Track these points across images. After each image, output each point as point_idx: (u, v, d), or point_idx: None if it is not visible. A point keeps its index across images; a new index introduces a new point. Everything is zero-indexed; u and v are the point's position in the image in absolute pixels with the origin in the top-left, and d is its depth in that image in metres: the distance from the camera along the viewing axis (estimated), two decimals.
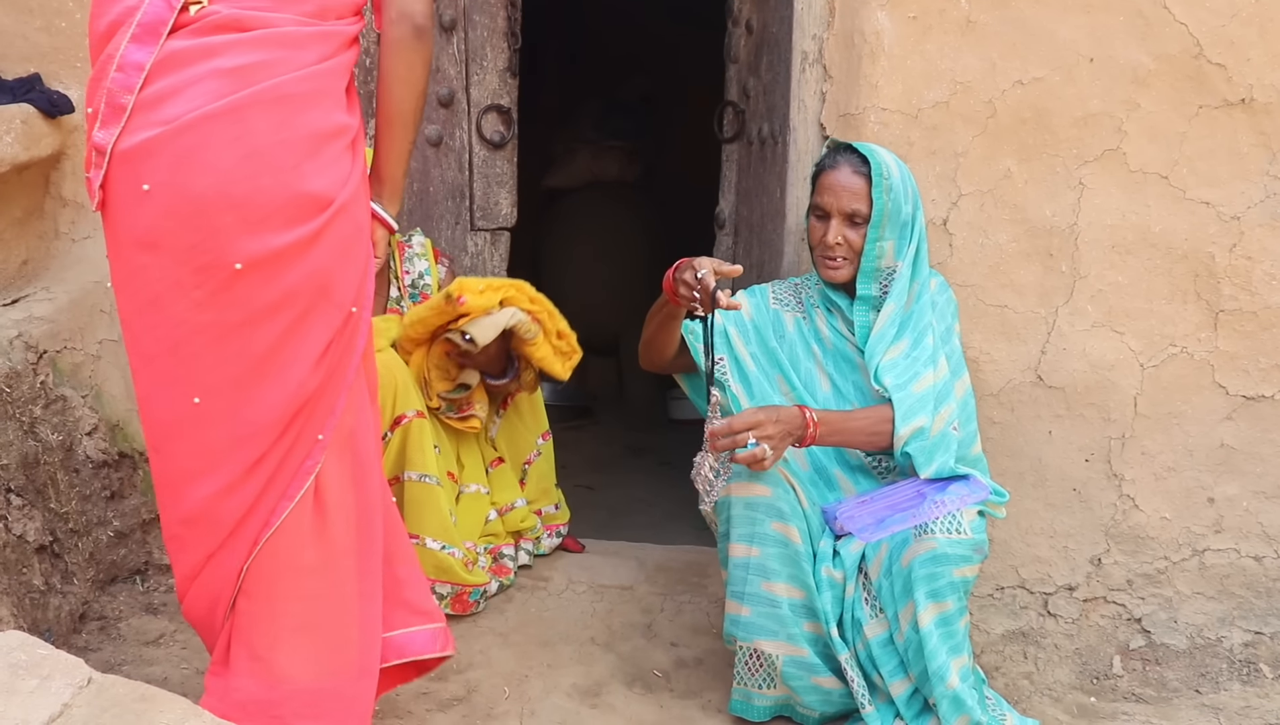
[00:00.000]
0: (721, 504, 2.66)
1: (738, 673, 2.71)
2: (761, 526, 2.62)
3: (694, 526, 4.03)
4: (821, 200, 2.82)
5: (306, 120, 2.10)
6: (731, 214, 3.87)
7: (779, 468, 2.64)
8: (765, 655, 2.65)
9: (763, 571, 2.63)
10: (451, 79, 3.61)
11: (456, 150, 3.64)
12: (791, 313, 2.94)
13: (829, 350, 2.89)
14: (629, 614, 3.16)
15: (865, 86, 3.13)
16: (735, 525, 2.64)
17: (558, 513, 3.41)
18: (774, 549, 2.62)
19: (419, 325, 3.06)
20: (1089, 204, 3.07)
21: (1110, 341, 3.09)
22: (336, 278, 2.15)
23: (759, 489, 2.62)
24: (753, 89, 3.71)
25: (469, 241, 3.69)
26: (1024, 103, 3.06)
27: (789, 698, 2.69)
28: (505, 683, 2.87)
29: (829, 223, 2.81)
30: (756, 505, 2.62)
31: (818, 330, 2.91)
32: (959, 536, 2.53)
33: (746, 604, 2.65)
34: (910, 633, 2.55)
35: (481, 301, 2.99)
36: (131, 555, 3.15)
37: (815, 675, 2.66)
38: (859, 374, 2.85)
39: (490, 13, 3.60)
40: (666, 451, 5.05)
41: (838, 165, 2.82)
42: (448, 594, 3.05)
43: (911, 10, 3.08)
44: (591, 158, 5.93)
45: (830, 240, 2.80)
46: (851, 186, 2.79)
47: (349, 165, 2.17)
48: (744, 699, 2.72)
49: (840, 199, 2.79)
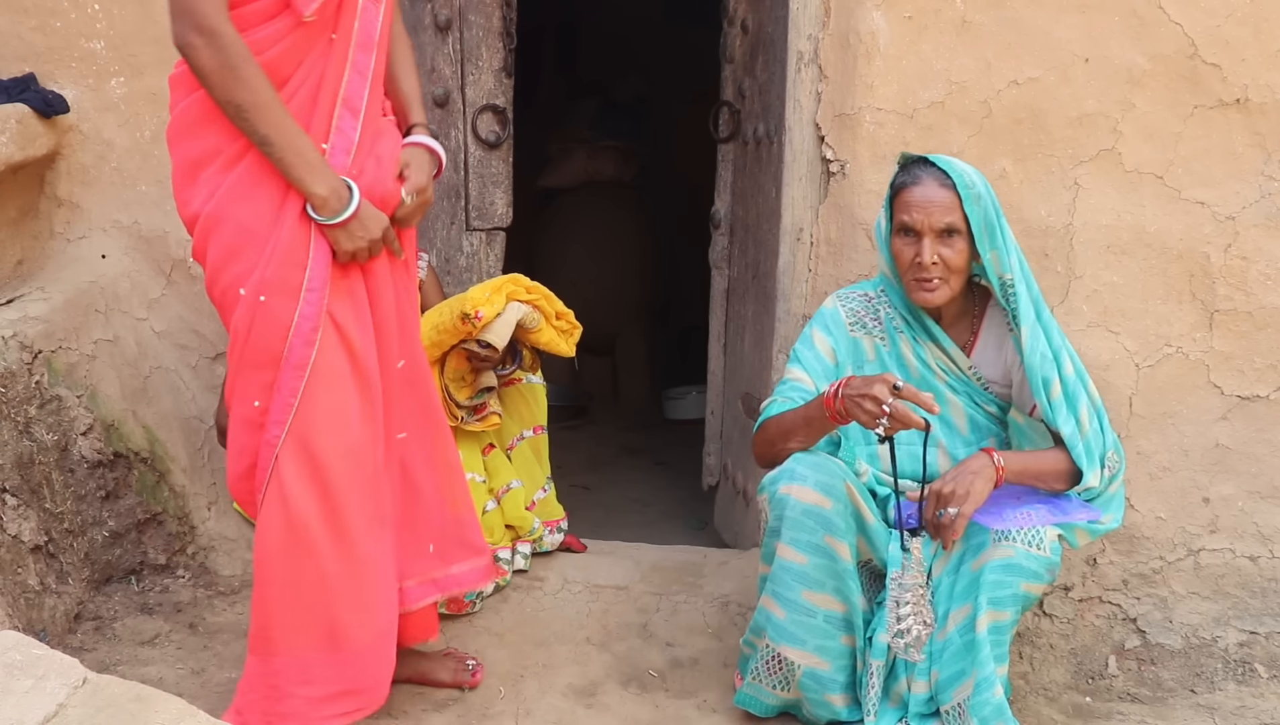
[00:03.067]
0: (778, 500, 2.57)
1: (754, 669, 2.66)
2: (814, 536, 2.54)
3: (689, 526, 4.04)
4: (910, 218, 2.63)
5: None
6: (727, 214, 3.87)
7: (845, 482, 2.56)
8: (787, 661, 2.61)
9: (806, 579, 2.56)
10: (447, 79, 3.61)
11: (452, 150, 3.64)
12: (871, 338, 2.80)
13: (914, 381, 2.74)
14: (624, 614, 3.16)
15: (861, 86, 3.14)
16: (787, 528, 2.56)
17: (546, 497, 3.38)
18: (822, 561, 2.55)
19: (435, 348, 3.06)
20: (1084, 204, 3.07)
21: (1106, 341, 3.09)
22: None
23: (820, 499, 2.54)
24: (748, 89, 3.72)
25: (464, 241, 3.69)
26: (1019, 103, 3.06)
27: (799, 701, 2.67)
28: (501, 682, 2.86)
29: (921, 242, 2.62)
30: (814, 514, 2.53)
31: (903, 358, 2.77)
32: (1038, 552, 2.48)
33: (783, 606, 2.59)
34: (957, 635, 2.51)
35: (492, 309, 3.01)
36: (126, 555, 3.15)
37: (829, 692, 2.63)
38: (948, 409, 2.74)
39: (485, 13, 3.60)
40: (662, 451, 5.05)
41: (919, 180, 2.64)
42: None
43: (907, 10, 3.08)
44: (587, 158, 5.94)
45: (926, 260, 2.61)
46: (941, 200, 2.61)
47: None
48: (754, 694, 2.69)
49: (931, 215, 2.61)
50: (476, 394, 3.18)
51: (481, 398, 3.19)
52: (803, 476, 2.55)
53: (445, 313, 3.04)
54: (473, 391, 3.17)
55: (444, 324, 3.03)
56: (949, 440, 2.75)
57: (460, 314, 2.99)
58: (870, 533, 2.62)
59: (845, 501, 2.54)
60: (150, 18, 3.26)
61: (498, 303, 3.03)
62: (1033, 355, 2.63)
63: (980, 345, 2.78)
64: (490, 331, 3.02)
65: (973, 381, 2.77)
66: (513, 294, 3.09)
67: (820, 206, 3.25)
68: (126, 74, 3.30)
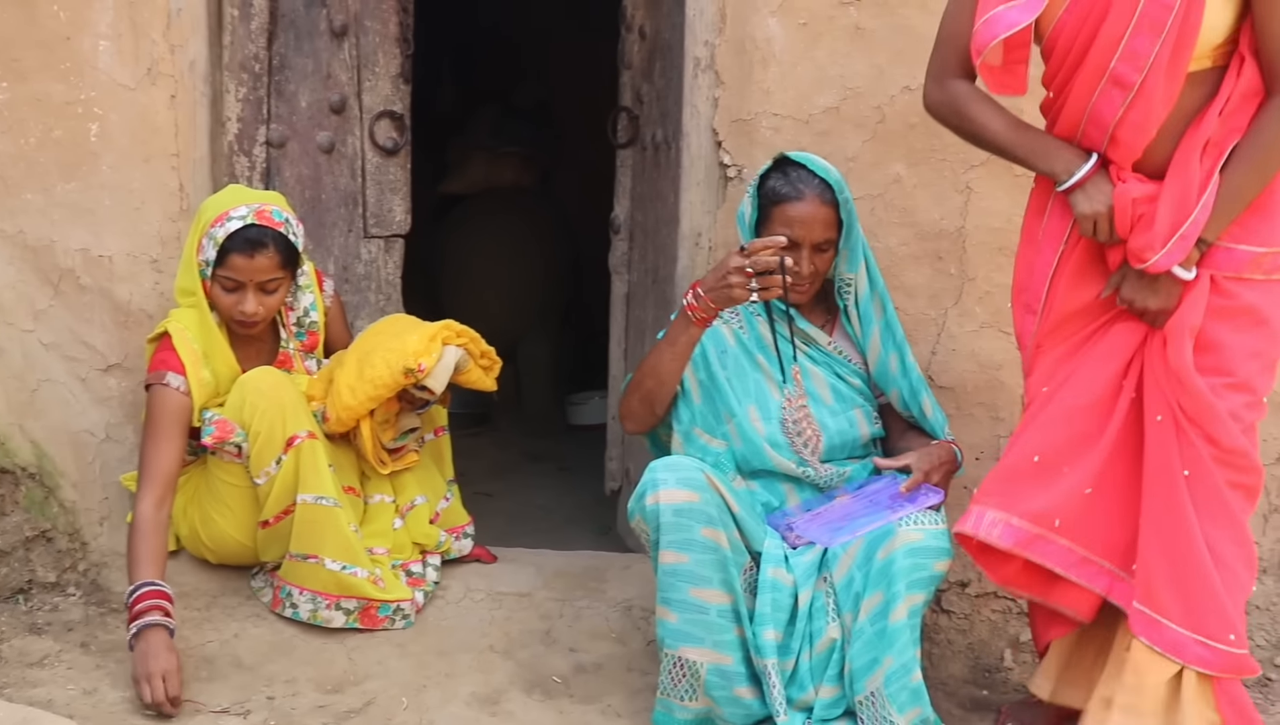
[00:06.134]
0: (651, 512, 2.63)
1: (661, 683, 2.68)
2: (690, 532, 2.59)
3: (592, 532, 4.04)
4: (792, 233, 2.75)
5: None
6: (626, 219, 3.88)
7: (704, 472, 2.64)
8: (690, 664, 2.62)
9: (692, 578, 2.61)
10: (343, 85, 3.57)
11: (349, 157, 3.60)
12: (730, 327, 2.92)
13: (774, 355, 2.89)
14: (528, 621, 3.15)
15: (757, 92, 3.17)
16: (665, 533, 2.61)
17: (450, 505, 3.36)
18: (704, 555, 2.60)
19: (372, 402, 3.00)
20: (976, 207, 3.13)
21: (998, 342, 3.15)
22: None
23: (688, 495, 2.60)
24: (646, 95, 3.73)
25: (362, 249, 3.65)
26: (912, 108, 3.11)
27: (710, 710, 2.68)
28: (403, 693, 2.84)
29: (799, 253, 2.76)
30: (686, 512, 2.60)
31: (761, 340, 2.91)
32: (939, 528, 2.58)
33: (674, 610, 2.62)
34: (868, 624, 2.54)
35: (432, 359, 3.00)
36: (14, 574, 3.06)
37: (737, 686, 2.65)
38: (810, 380, 2.88)
39: (382, 18, 3.57)
40: (565, 457, 5.04)
41: (804, 196, 2.77)
42: (353, 609, 3.01)
43: (801, 17, 3.12)
44: (487, 164, 5.91)
45: (805, 271, 2.78)
46: (824, 217, 2.78)
47: None
48: (666, 711, 2.70)
49: (813, 232, 2.77)
50: (400, 435, 3.17)
51: (405, 439, 3.18)
52: (664, 480, 2.62)
53: (381, 368, 2.97)
54: (396, 432, 3.15)
55: (381, 379, 2.97)
56: (816, 408, 2.86)
57: (403, 370, 2.97)
58: (740, 522, 2.69)
59: (710, 490, 2.63)
60: (33, 20, 3.18)
61: (436, 349, 3.02)
62: (884, 365, 2.89)
63: (840, 327, 2.95)
64: (431, 378, 3.01)
65: (834, 355, 2.91)
66: (447, 338, 3.08)
67: (718, 211, 3.27)
68: (9, 79, 3.21)
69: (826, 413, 2.86)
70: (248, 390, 2.96)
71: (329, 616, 2.99)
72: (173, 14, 3.22)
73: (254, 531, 3.05)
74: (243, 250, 2.93)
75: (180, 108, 3.26)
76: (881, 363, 2.88)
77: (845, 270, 2.87)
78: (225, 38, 3.42)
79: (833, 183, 2.79)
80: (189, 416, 2.97)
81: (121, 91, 3.23)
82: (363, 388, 2.98)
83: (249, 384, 2.97)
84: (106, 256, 3.26)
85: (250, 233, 2.94)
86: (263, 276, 2.97)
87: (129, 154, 3.25)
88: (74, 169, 3.24)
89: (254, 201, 2.99)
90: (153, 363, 2.99)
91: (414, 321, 3.18)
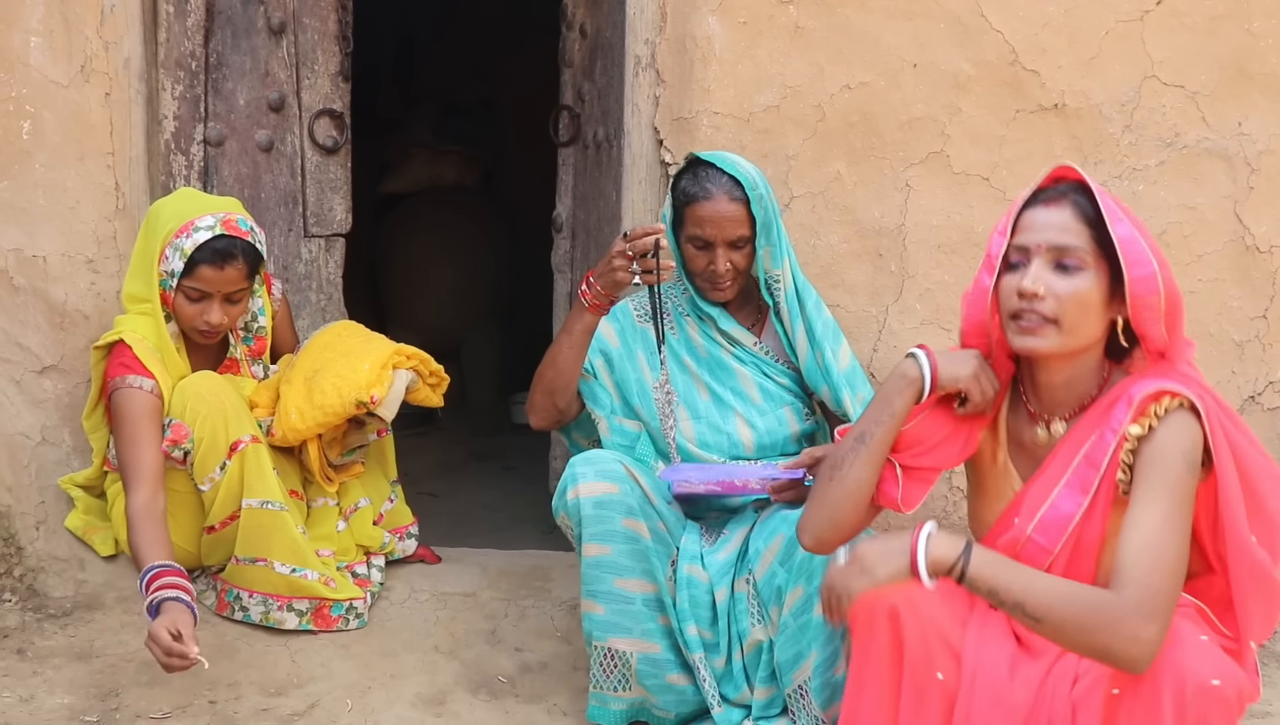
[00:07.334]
0: (572, 506, 2.65)
1: (593, 676, 2.69)
2: (611, 523, 2.62)
3: (538, 531, 4.03)
4: (703, 232, 2.77)
5: None
6: (569, 218, 3.87)
7: (623, 463, 2.67)
8: (620, 654, 2.65)
9: (615, 568, 2.64)
10: (282, 83, 3.53)
11: (288, 156, 3.57)
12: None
13: (703, 358, 2.90)
14: (472, 620, 3.14)
15: (698, 91, 3.18)
16: (587, 525, 2.64)
17: (394, 506, 3.34)
18: (625, 545, 2.63)
19: (320, 428, 2.97)
20: (915, 205, 3.16)
21: (939, 339, 3.18)
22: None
23: (607, 487, 2.63)
24: (587, 93, 3.73)
25: (303, 248, 3.62)
26: (851, 107, 3.13)
27: (645, 699, 2.70)
28: (347, 694, 2.82)
29: (714, 252, 2.77)
30: (606, 503, 2.62)
31: (690, 340, 2.92)
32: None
33: (600, 602, 2.65)
34: (791, 618, 2.56)
35: (385, 390, 2.97)
36: None
37: (669, 674, 2.68)
38: (737, 380, 2.88)
39: (321, 16, 3.54)
40: (510, 456, 5.04)
41: (711, 195, 2.75)
42: (306, 609, 2.99)
43: (741, 16, 3.13)
44: (429, 163, 5.88)
45: (720, 270, 2.78)
46: (732, 215, 2.75)
47: None
48: (600, 704, 2.71)
49: (724, 230, 2.75)
50: (347, 452, 3.15)
51: (351, 456, 3.17)
52: (583, 474, 2.65)
53: (332, 396, 2.94)
54: (343, 449, 3.14)
55: (332, 407, 2.94)
56: (744, 408, 2.87)
57: (355, 402, 2.94)
58: (661, 513, 2.71)
59: (629, 482, 2.65)
60: None
61: (387, 377, 3.00)
62: (811, 363, 2.85)
63: (769, 328, 2.95)
64: (383, 407, 2.99)
65: (761, 356, 2.91)
66: (397, 363, 3.05)
67: (660, 209, 3.27)
68: None
69: (755, 412, 2.87)
70: (188, 395, 2.91)
71: (281, 618, 2.97)
72: (106, 10, 3.18)
73: (198, 537, 3.02)
74: (213, 262, 2.88)
75: (115, 105, 3.22)
76: (809, 361, 2.87)
77: (771, 266, 2.84)
78: (160, 34, 3.38)
79: (742, 179, 2.75)
80: (161, 416, 2.92)
81: (54, 89, 3.18)
82: (311, 413, 2.94)
83: (189, 389, 2.93)
84: (40, 256, 3.21)
85: (219, 244, 2.88)
86: (230, 287, 2.93)
87: (63, 152, 3.20)
88: (6, 168, 3.19)
89: (217, 210, 2.94)
90: (112, 369, 2.92)
91: (363, 336, 3.16)
